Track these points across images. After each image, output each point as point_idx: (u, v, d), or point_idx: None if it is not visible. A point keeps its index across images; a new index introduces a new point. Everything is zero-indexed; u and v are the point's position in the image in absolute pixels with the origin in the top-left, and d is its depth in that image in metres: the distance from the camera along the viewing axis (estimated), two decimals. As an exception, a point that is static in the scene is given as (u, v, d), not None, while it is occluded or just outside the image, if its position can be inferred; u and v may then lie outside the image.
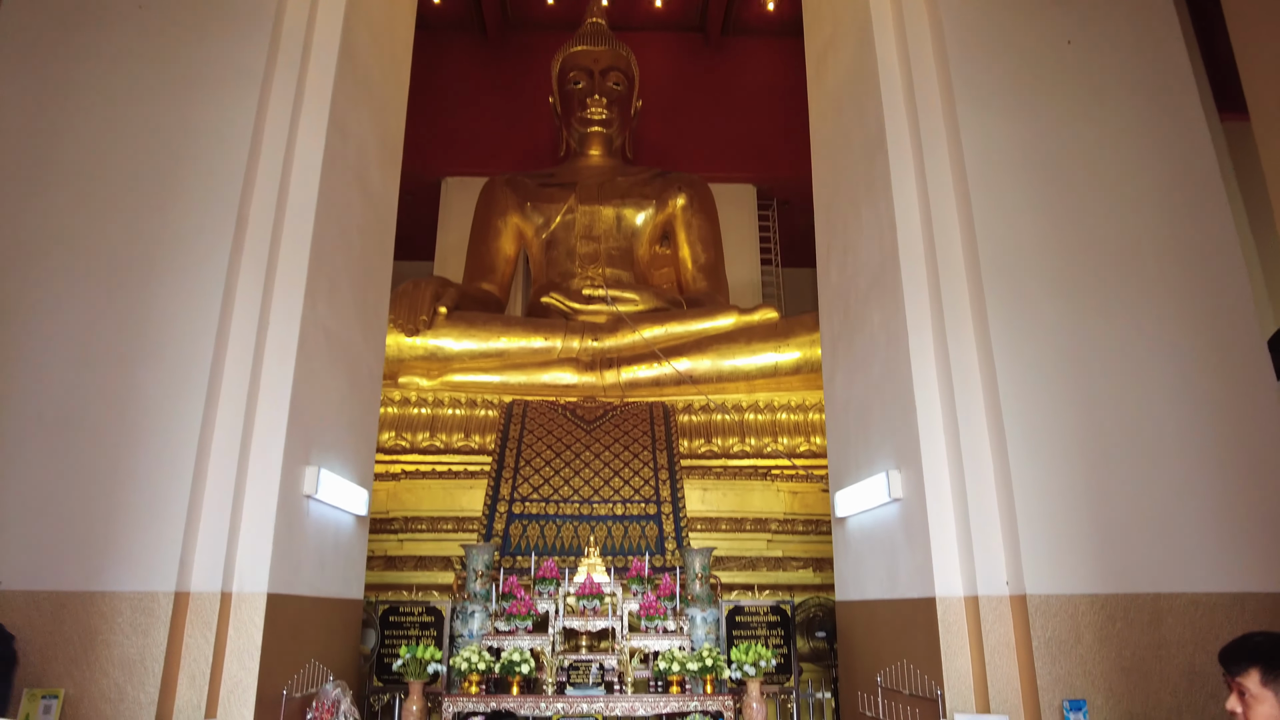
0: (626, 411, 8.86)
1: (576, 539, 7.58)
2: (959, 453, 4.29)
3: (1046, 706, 3.78)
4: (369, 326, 5.49)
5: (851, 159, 5.47)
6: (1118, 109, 4.72)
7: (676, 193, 11.06)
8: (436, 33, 13.43)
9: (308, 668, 4.44)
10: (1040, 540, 3.98)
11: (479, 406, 8.81)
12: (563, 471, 8.16)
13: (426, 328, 8.96)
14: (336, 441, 4.95)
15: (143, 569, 3.79)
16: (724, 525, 7.95)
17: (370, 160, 5.45)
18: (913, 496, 4.49)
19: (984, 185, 4.49)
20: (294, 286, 4.41)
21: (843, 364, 5.54)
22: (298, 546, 4.43)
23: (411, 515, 7.92)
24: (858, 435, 5.28)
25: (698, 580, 6.46)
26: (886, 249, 4.85)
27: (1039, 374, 4.22)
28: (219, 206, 4.26)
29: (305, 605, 4.52)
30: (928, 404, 4.47)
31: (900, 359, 4.65)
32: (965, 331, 4.43)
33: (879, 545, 4.95)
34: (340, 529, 5.08)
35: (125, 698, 3.64)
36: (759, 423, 8.73)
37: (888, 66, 5.03)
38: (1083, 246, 4.44)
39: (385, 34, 5.85)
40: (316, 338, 4.59)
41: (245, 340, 4.21)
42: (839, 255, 5.64)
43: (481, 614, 6.18)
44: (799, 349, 9.08)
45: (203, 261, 4.19)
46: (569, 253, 10.66)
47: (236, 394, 4.15)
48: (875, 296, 5.00)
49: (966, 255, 4.50)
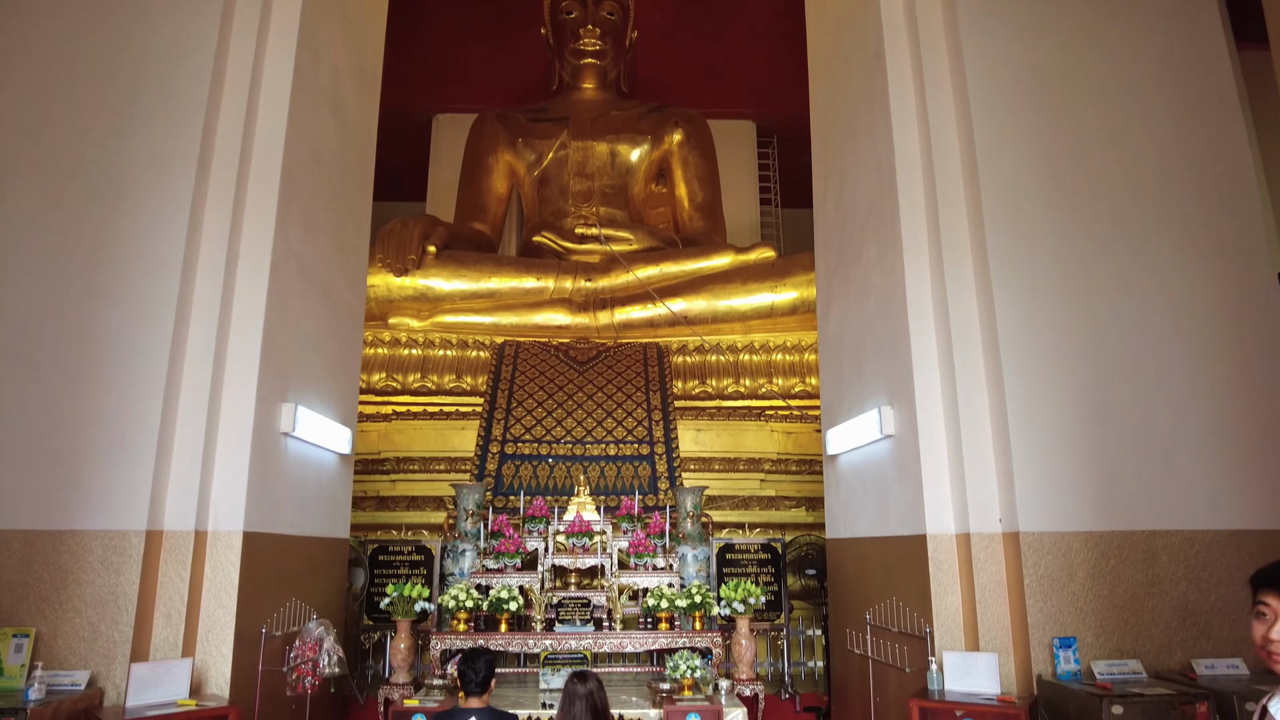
0: (620, 353, 8.70)
1: (569, 479, 7.50)
2: (953, 388, 4.13)
3: (1036, 644, 3.70)
4: (347, 262, 5.29)
5: (850, 82, 5.18)
6: (1131, 29, 4.42)
7: (673, 128, 10.70)
8: (425, -37, 12.85)
9: (289, 606, 4.38)
10: (1035, 477, 3.85)
11: (470, 348, 8.65)
12: (555, 413, 8.04)
13: (415, 267, 8.74)
14: (315, 378, 4.80)
15: (113, 507, 3.68)
16: (717, 465, 7.87)
17: (345, 86, 5.17)
18: (905, 433, 4.36)
19: (986, 108, 4.24)
20: (264, 215, 4.20)
21: (837, 298, 5.35)
22: (275, 484, 4.32)
23: (403, 456, 7.83)
24: (851, 371, 5.12)
25: (689, 519, 6.39)
26: (884, 176, 4.61)
27: (1038, 306, 4.04)
28: (182, 130, 4.02)
29: (285, 544, 4.43)
30: (922, 337, 4.30)
31: (896, 291, 4.46)
32: (963, 261, 4.23)
33: (870, 483, 4.83)
34: (322, 468, 4.97)
35: (99, 636, 3.57)
36: (754, 363, 8.57)
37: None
38: (1088, 173, 4.21)
39: (359, -49, 5.51)
40: (289, 269, 4.40)
41: (213, 270, 4.02)
42: (836, 186, 5.40)
43: (472, 553, 6.13)
44: (795, 289, 8.87)
45: (167, 188, 3.97)
46: (562, 191, 10.36)
47: (206, 327, 3.98)
48: (872, 227, 4.79)
49: (966, 181, 4.27)
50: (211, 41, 4.10)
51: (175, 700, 3.48)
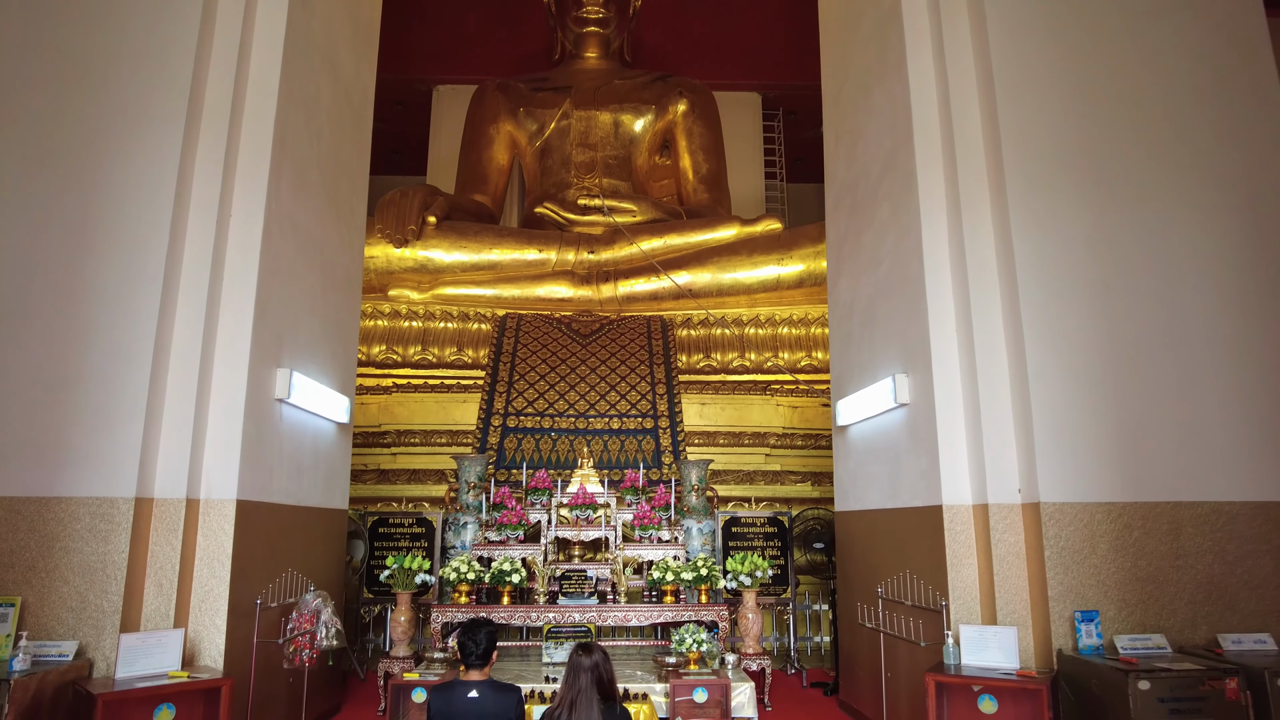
0: (623, 325, 8.53)
1: (572, 452, 7.36)
2: (972, 354, 3.96)
3: (1057, 617, 3.56)
4: (344, 225, 5.10)
5: (862, 37, 4.97)
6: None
7: (678, 98, 10.44)
8: (425, -70, 12.52)
9: (285, 577, 4.24)
10: (1056, 446, 3.69)
11: (471, 320, 8.48)
12: (558, 385, 7.89)
13: (415, 238, 8.54)
14: (311, 344, 4.63)
15: (101, 474, 3.53)
16: (722, 440, 7.73)
17: (340, 42, 4.96)
18: (920, 401, 4.19)
19: (1008, 60, 4.03)
20: (256, 172, 4.02)
21: (848, 263, 5.17)
22: (270, 452, 4.16)
23: (404, 429, 7.70)
24: (862, 339, 4.95)
25: (694, 492, 6.26)
26: (900, 133, 4.42)
27: (1061, 267, 3.86)
28: (171, 82, 3.82)
29: (281, 513, 4.29)
30: (940, 301, 4.12)
31: (911, 253, 4.28)
32: (983, 221, 4.05)
33: (882, 453, 4.68)
34: (319, 436, 4.81)
35: (88, 605, 3.43)
36: (759, 337, 8.41)
37: (906, -70, 4.49)
38: (1114, 127, 4.01)
39: (354, -98, 5.28)
40: (282, 229, 4.22)
41: (203, 228, 3.85)
42: (847, 146, 5.20)
43: (474, 525, 6.00)
44: (802, 261, 8.67)
45: (154, 143, 3.78)
46: (564, 161, 10.13)
47: (196, 287, 3.81)
48: (886, 186, 4.59)
49: (987, 137, 4.08)
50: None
51: (166, 672, 3.35)
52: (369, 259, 8.58)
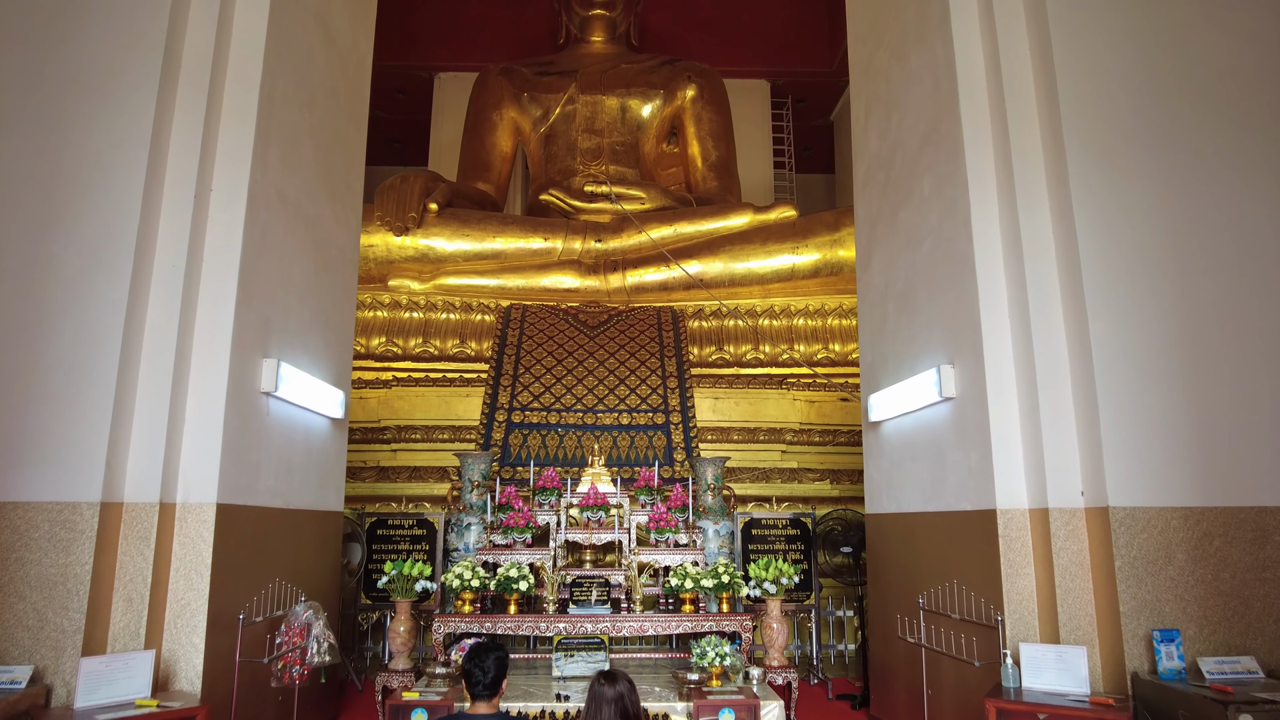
0: (632, 317, 8.11)
1: (580, 449, 6.95)
2: (1028, 342, 3.55)
3: (1131, 636, 3.15)
4: (339, 202, 4.68)
5: (898, 2, 4.54)
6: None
7: (686, 83, 10.00)
8: (425, -89, 12.07)
9: (273, 587, 3.83)
10: (1126, 445, 3.28)
11: (475, 311, 8.06)
12: (565, 379, 7.47)
13: (416, 226, 8.12)
14: (302, 331, 4.22)
15: (63, 475, 3.12)
16: (736, 435, 7.32)
17: (336, 6, 4.53)
18: (969, 395, 3.78)
19: (1067, 17, 3.61)
20: (240, 139, 3.60)
21: (882, 244, 4.74)
22: (255, 451, 3.75)
23: (405, 424, 7.28)
24: (899, 326, 4.53)
25: (710, 491, 5.85)
26: (943, 100, 3.99)
27: (1129, 246, 3.44)
28: (143, 38, 3.41)
29: (268, 517, 3.88)
30: (991, 284, 3.71)
31: (958, 231, 3.86)
32: (1039, 195, 3.63)
33: (922, 451, 4.27)
34: (311, 433, 4.40)
35: (46, 624, 3.02)
36: (774, 329, 7.99)
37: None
38: (1185, 88, 3.59)
39: None
40: (269, 202, 3.80)
41: (181, 201, 3.43)
42: (880, 118, 4.77)
43: (478, 526, 5.59)
44: (818, 250, 8.25)
45: (125, 105, 3.36)
46: (569, 148, 9.70)
47: (171, 265, 3.39)
48: (928, 158, 4.17)
49: (1042, 102, 3.65)
50: (173, -65, 3.46)
51: (133, 699, 2.94)
52: (368, 248, 8.17)
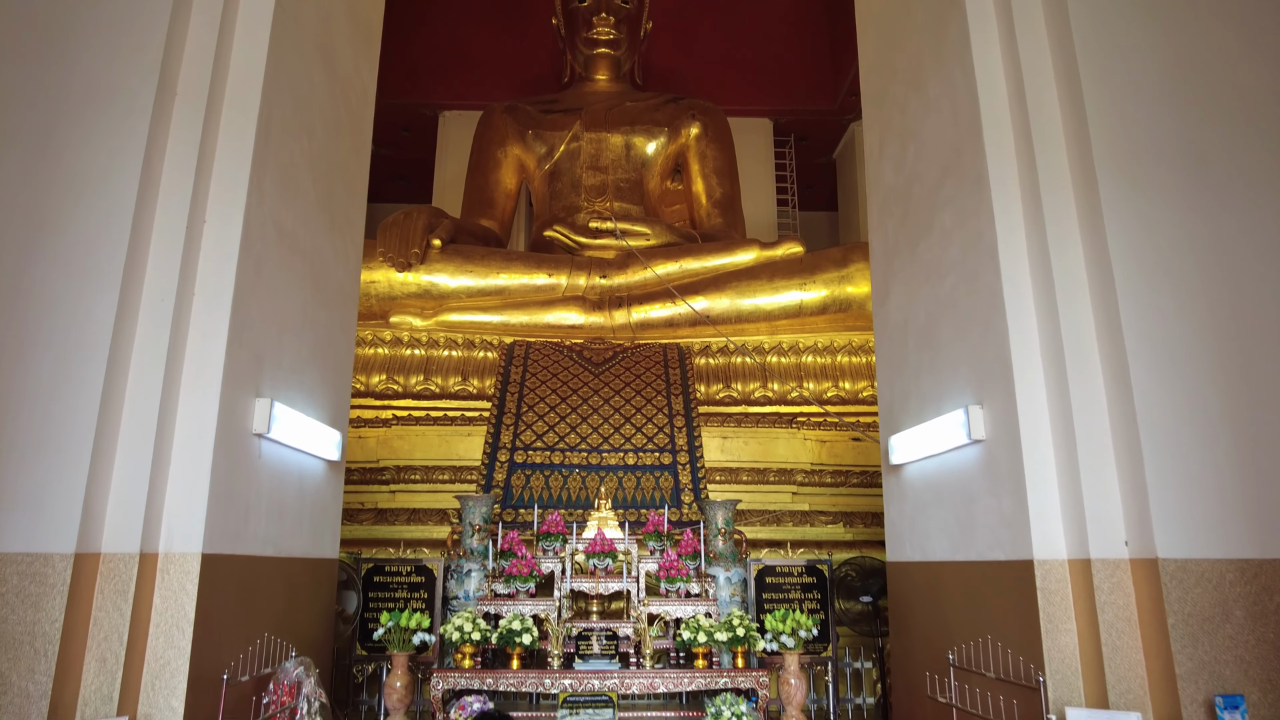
0: (638, 354, 7.92)
1: (585, 491, 6.70)
2: (1063, 381, 3.34)
3: (1189, 701, 2.89)
4: (339, 235, 4.51)
5: (912, 30, 4.43)
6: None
7: (690, 121, 9.96)
8: (432, -46, 12.19)
9: (261, 643, 3.56)
10: (1173, 492, 3.05)
11: (477, 348, 7.87)
12: (569, 418, 7.25)
13: (419, 262, 7.97)
14: (298, 368, 4.01)
15: (33, 523, 2.88)
16: (745, 476, 7.07)
17: (338, 36, 4.41)
18: (1001, 437, 3.56)
19: (1094, 41, 3.47)
20: (236, 166, 3.43)
21: (900, 278, 4.56)
22: (245, 496, 3.52)
23: (404, 464, 7.04)
24: (920, 364, 4.33)
25: (720, 536, 5.59)
26: (964, 127, 3.85)
27: (1170, 278, 3.26)
28: (138, 59, 3.25)
29: (257, 567, 3.63)
30: (1021, 320, 3.51)
31: (984, 264, 3.68)
32: (1069, 226, 3.46)
33: (948, 496, 4.03)
34: (305, 476, 4.17)
35: (9, 687, 2.76)
36: (783, 366, 7.79)
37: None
38: (1217, 113, 3.43)
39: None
40: (265, 234, 3.62)
41: (172, 229, 3.25)
42: (895, 148, 4.62)
43: (479, 573, 5.32)
44: (825, 286, 8.09)
45: (117, 128, 3.19)
46: (574, 184, 9.61)
47: (160, 299, 3.19)
48: (948, 190, 4.01)
49: (1070, 130, 3.50)
50: (173, -42, 3.34)
51: (101, 772, 2.68)
52: (370, 284, 8.01)
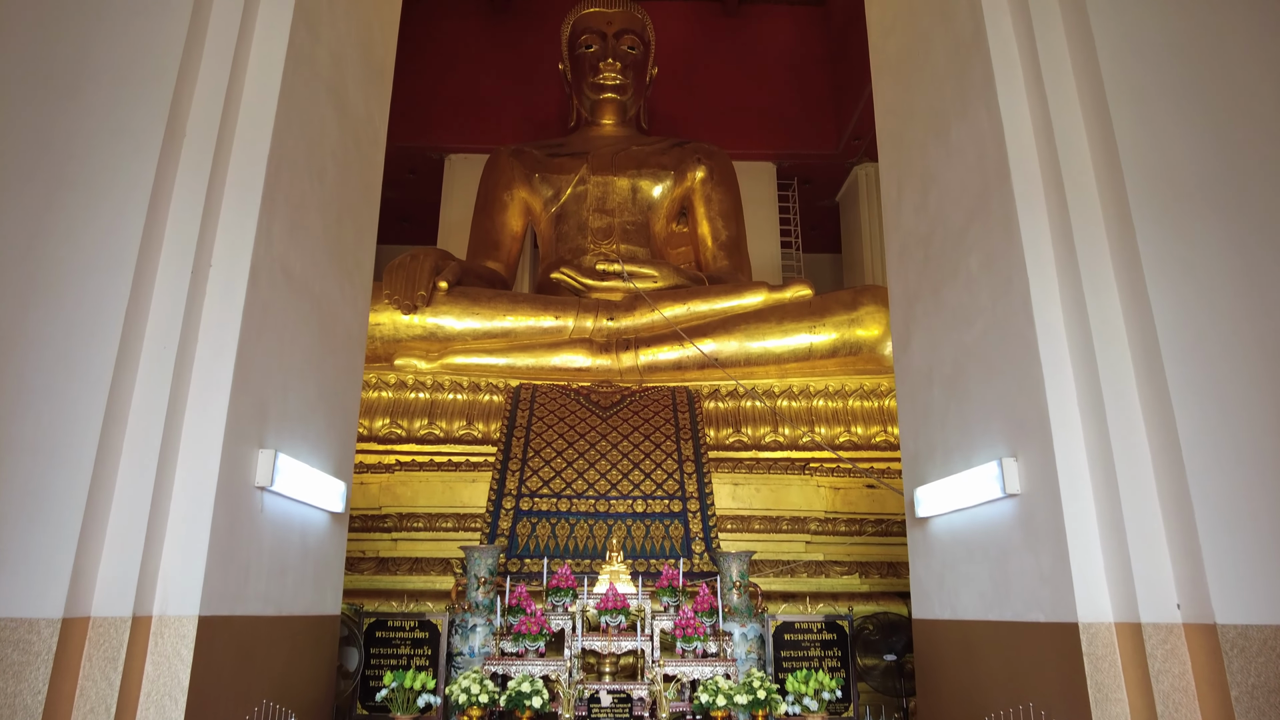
0: (646, 397, 7.76)
1: (592, 539, 6.49)
2: (1104, 431, 3.19)
3: (1260, 781, 2.68)
4: (349, 277, 4.39)
5: (931, 73, 4.37)
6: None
7: (696, 164, 9.96)
8: (443, 2, 12.35)
9: (259, 710, 3.34)
10: (1230, 548, 2.88)
11: (483, 391, 7.71)
12: (576, 463, 7.06)
13: (425, 304, 7.86)
14: (303, 417, 3.85)
15: (19, 585, 2.69)
16: (757, 525, 6.85)
17: (349, 78, 4.35)
18: (1038, 491, 3.39)
19: (1123, 79, 3.39)
20: (244, 208, 3.32)
21: (923, 324, 4.44)
22: (246, 553, 3.33)
23: (406, 511, 6.82)
24: (947, 414, 4.18)
25: (735, 589, 5.37)
26: (990, 170, 3.75)
27: (1214, 320, 3.12)
28: (148, 96, 3.16)
29: (258, 628, 3.42)
30: (1058, 371, 3.37)
31: (1016, 309, 3.55)
32: (1104, 270, 3.34)
33: (980, 552, 3.84)
34: (308, 530, 3.98)
35: (-14, 766, 2.55)
36: (793, 410, 7.63)
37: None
38: (1263, 147, 3.32)
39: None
40: (273, 278, 3.49)
41: (176, 272, 3.12)
42: (915, 193, 4.54)
43: (484, 627, 5.09)
44: (835, 329, 7.98)
45: (124, 167, 3.08)
46: (580, 227, 9.56)
47: (162, 344, 3.05)
48: (975, 233, 3.91)
49: (1101, 169, 3.40)
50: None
51: None
52: (375, 326, 7.89)
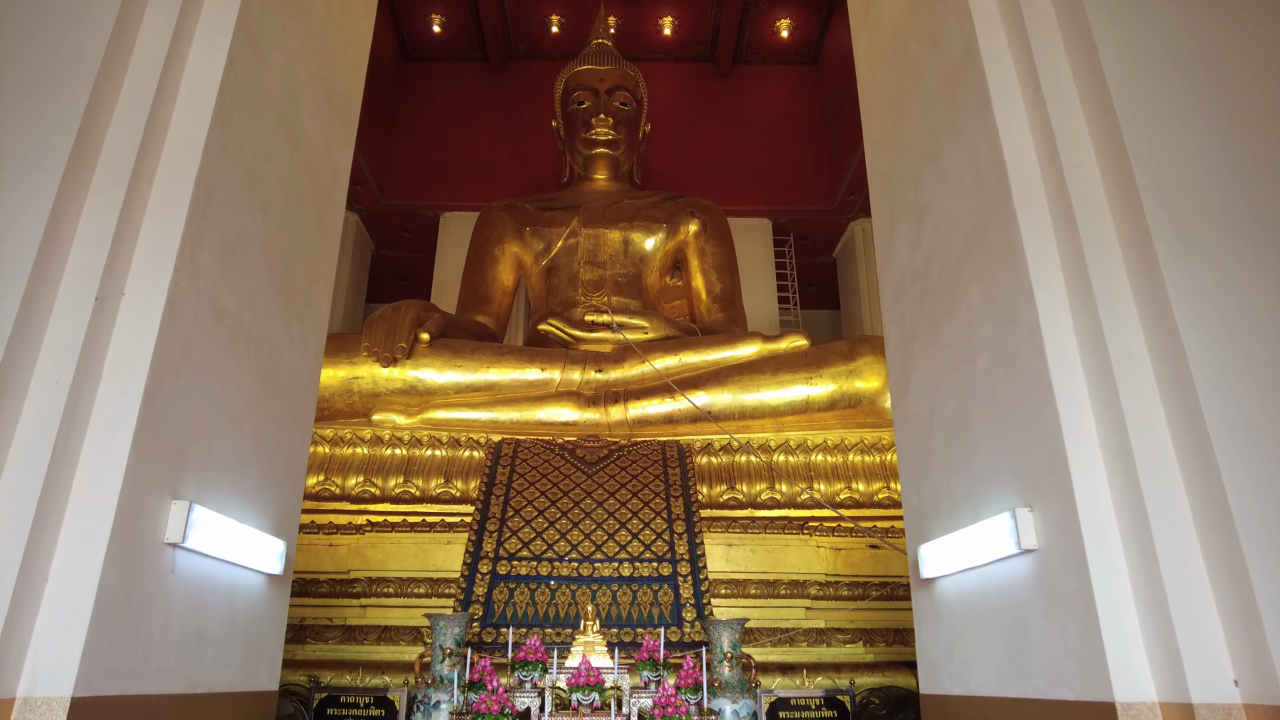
0: (635, 452, 7.29)
1: (574, 606, 5.94)
2: (1132, 476, 2.74)
3: None
4: (298, 318, 4.02)
5: (922, 101, 4.08)
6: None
7: (689, 218, 9.73)
8: (437, 63, 12.43)
9: (152, 809, 2.82)
10: (1294, 613, 2.40)
11: (463, 447, 7.26)
12: (559, 523, 6.55)
13: (405, 356, 7.49)
14: (233, 469, 3.42)
15: None
16: (753, 589, 6.29)
17: (304, 107, 4.07)
18: (1058, 546, 2.91)
19: (1132, 90, 3.06)
20: (164, 235, 2.98)
21: (921, 365, 4.02)
22: (148, 620, 2.86)
23: (376, 576, 6.30)
24: (950, 461, 3.72)
25: (726, 661, 4.81)
26: (989, 194, 3.40)
27: (1252, 344, 2.70)
28: (53, 109, 2.85)
29: (162, 710, 2.92)
30: (1075, 408, 2.94)
31: (1023, 343, 3.14)
32: (1122, 295, 2.95)
33: (994, 618, 3.34)
34: (236, 594, 3.50)
35: None
36: (791, 465, 7.14)
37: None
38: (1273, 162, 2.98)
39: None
40: (198, 313, 3.12)
41: (78, 301, 2.75)
42: (909, 225, 4.19)
43: (448, 704, 4.54)
44: (833, 381, 7.55)
45: (19, 184, 2.75)
46: (571, 279, 9.27)
47: (53, 380, 2.65)
48: (974, 263, 3.53)
49: (1113, 187, 3.04)
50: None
51: None
52: (354, 380, 7.52)
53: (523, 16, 11.77)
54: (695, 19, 11.79)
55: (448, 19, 11.61)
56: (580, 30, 11.62)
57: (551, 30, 11.90)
